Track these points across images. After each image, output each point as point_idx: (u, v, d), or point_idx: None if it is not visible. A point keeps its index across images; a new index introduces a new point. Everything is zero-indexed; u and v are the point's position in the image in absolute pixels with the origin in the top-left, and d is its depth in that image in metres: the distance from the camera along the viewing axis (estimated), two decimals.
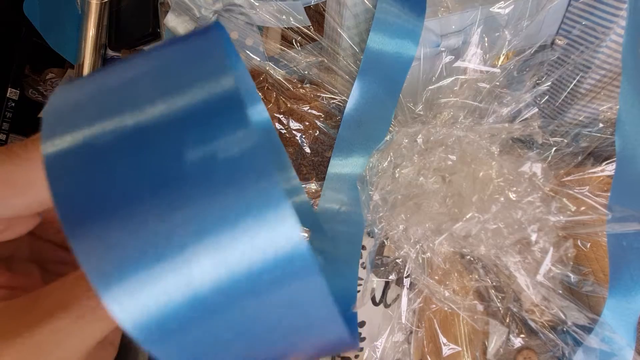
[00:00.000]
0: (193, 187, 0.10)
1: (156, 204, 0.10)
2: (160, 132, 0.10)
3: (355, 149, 0.33)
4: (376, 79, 0.33)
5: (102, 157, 0.10)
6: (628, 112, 0.30)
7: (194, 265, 0.10)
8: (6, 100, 0.53)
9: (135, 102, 0.11)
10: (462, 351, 0.31)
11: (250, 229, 0.09)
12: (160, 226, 0.10)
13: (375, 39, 0.32)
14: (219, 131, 0.10)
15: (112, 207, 0.10)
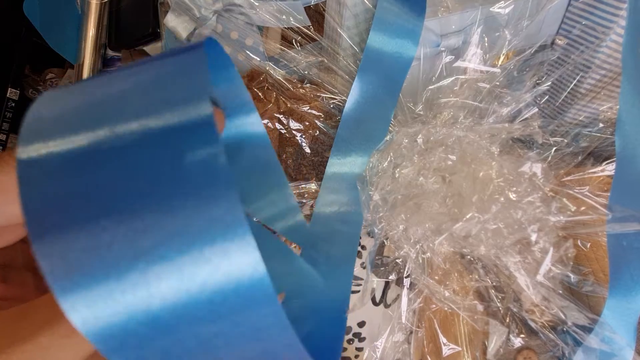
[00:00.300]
0: (158, 210, 0.10)
1: (121, 223, 0.10)
2: (130, 152, 0.10)
3: (354, 149, 0.33)
4: (376, 79, 0.33)
5: (72, 171, 0.10)
6: (628, 112, 0.30)
7: (153, 286, 0.10)
8: (6, 101, 0.53)
9: (110, 118, 0.11)
10: (462, 351, 0.31)
11: (212, 256, 0.10)
12: (122, 244, 0.10)
13: (376, 38, 0.32)
14: (186, 154, 0.10)
15: (78, 221, 0.10)
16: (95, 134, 0.11)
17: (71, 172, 0.10)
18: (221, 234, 0.10)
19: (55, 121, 0.11)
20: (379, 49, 0.33)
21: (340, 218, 0.32)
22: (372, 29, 0.32)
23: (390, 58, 0.33)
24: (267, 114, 0.35)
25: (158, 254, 0.10)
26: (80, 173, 0.10)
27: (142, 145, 0.10)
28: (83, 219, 0.10)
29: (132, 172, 0.10)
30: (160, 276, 0.10)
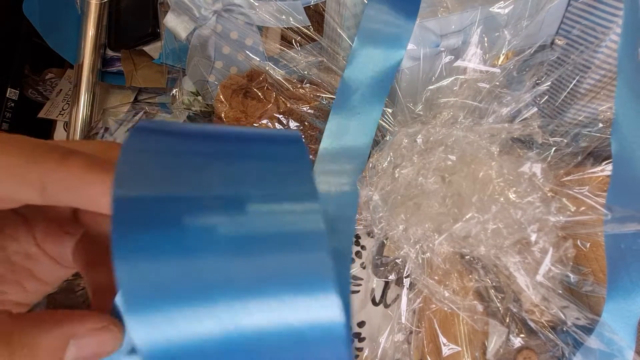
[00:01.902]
0: (265, 253, 0.11)
1: (223, 260, 0.11)
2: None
3: (336, 169, 0.33)
4: (358, 94, 0.33)
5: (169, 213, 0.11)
6: (625, 115, 0.30)
7: (240, 315, 0.11)
8: (6, 101, 0.53)
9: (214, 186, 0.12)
10: (462, 351, 0.31)
11: (300, 302, 0.11)
12: (219, 274, 0.11)
13: (360, 48, 0.32)
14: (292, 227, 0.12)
15: (170, 252, 0.11)
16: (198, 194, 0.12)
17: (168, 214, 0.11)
18: (312, 284, 0.11)
19: (159, 167, 0.12)
20: (362, 59, 0.32)
21: (335, 201, 0.32)
22: (357, 37, 0.32)
23: (374, 68, 0.32)
24: (267, 114, 0.35)
25: (256, 289, 0.11)
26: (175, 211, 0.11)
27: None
28: (181, 252, 0.11)
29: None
30: (250, 309, 0.11)
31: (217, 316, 0.11)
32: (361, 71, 0.32)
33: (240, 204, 0.12)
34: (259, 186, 0.12)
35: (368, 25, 0.32)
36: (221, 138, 0.14)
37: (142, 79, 0.51)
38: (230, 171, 0.12)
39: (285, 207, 0.12)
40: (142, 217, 0.11)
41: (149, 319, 0.10)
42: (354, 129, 0.32)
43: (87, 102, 0.51)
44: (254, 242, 0.11)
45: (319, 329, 0.11)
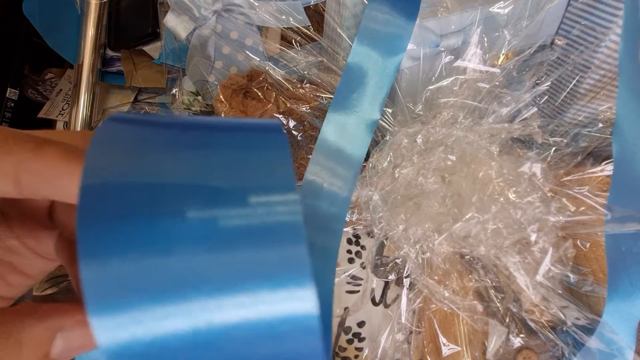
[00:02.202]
0: (235, 247, 0.11)
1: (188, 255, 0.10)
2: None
3: (330, 175, 0.32)
4: (357, 95, 0.32)
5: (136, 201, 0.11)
6: (626, 118, 0.30)
7: (212, 312, 0.10)
8: (5, 101, 0.53)
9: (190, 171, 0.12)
10: (462, 351, 0.31)
11: (275, 296, 0.11)
12: (187, 271, 0.10)
13: (359, 50, 0.32)
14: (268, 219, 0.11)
15: (139, 247, 0.10)
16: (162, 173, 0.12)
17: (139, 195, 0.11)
18: (287, 276, 0.11)
19: (127, 154, 0.12)
20: (361, 62, 0.32)
21: (327, 197, 0.32)
22: (357, 39, 0.32)
23: (374, 69, 0.32)
24: (267, 114, 0.35)
25: (229, 284, 0.10)
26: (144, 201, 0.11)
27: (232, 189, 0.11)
28: (143, 247, 0.10)
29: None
30: (222, 305, 0.10)
31: (188, 313, 0.10)
32: (360, 72, 0.32)
33: (213, 195, 0.11)
34: (233, 177, 0.12)
35: (368, 26, 0.32)
36: (196, 127, 0.13)
37: (142, 79, 0.51)
38: (204, 161, 0.12)
39: (261, 198, 0.11)
40: (108, 209, 0.11)
41: (113, 318, 0.10)
42: (351, 127, 0.32)
43: (87, 102, 0.51)
44: (227, 235, 0.11)
45: (293, 323, 0.11)
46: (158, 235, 0.10)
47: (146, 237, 0.10)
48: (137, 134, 0.13)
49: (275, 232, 0.11)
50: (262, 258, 0.11)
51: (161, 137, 0.13)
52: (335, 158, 0.32)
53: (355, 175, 0.32)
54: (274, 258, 0.11)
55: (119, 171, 0.11)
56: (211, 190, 0.11)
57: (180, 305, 0.10)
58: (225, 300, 0.10)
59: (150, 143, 0.12)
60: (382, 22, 0.32)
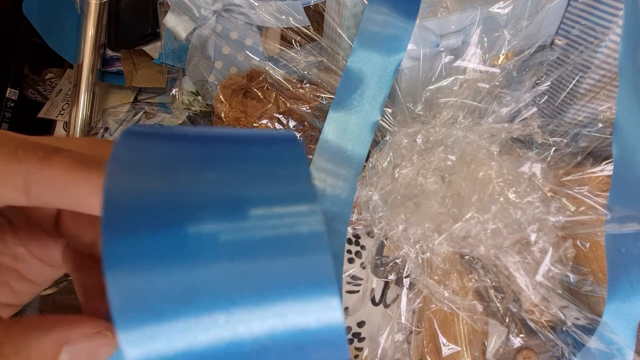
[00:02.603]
0: (265, 257, 0.11)
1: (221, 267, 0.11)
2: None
3: (332, 174, 0.32)
4: (357, 96, 0.32)
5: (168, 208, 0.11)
6: (626, 119, 0.30)
7: (240, 324, 0.10)
8: (5, 101, 0.53)
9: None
10: (462, 351, 0.31)
11: (300, 305, 0.11)
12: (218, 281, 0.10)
13: (359, 52, 0.32)
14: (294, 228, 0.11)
15: (165, 259, 0.10)
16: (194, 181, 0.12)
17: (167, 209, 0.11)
18: (313, 286, 0.11)
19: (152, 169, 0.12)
20: (361, 64, 0.32)
21: (328, 198, 0.32)
22: (356, 40, 0.32)
23: (374, 70, 0.32)
24: (267, 114, 0.35)
25: (257, 296, 0.11)
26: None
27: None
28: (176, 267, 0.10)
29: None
30: (250, 317, 0.10)
31: (216, 327, 0.10)
32: (360, 72, 0.32)
33: (238, 208, 0.11)
34: (256, 189, 0.12)
35: (367, 28, 0.32)
36: (216, 140, 0.14)
37: (141, 79, 0.51)
38: (227, 174, 0.12)
39: (285, 209, 0.12)
40: (135, 222, 0.11)
41: (141, 333, 0.10)
42: (352, 128, 0.32)
43: (86, 102, 0.51)
44: (253, 247, 0.11)
45: (321, 332, 0.11)
46: (184, 247, 0.10)
47: (172, 249, 0.10)
48: (158, 147, 0.13)
49: (300, 242, 0.11)
50: (288, 268, 0.11)
51: (182, 150, 0.13)
52: (336, 159, 0.32)
53: (356, 174, 0.32)
54: (299, 268, 0.11)
55: (142, 183, 0.11)
56: (235, 202, 0.11)
57: (209, 317, 0.10)
58: (253, 311, 0.10)
59: (172, 156, 0.12)
60: (381, 24, 0.32)
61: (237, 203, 0.11)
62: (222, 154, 0.13)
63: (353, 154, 0.32)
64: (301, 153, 0.13)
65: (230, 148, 0.13)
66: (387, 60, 0.32)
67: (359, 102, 0.32)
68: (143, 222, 0.11)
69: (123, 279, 0.10)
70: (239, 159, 0.13)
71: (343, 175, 0.32)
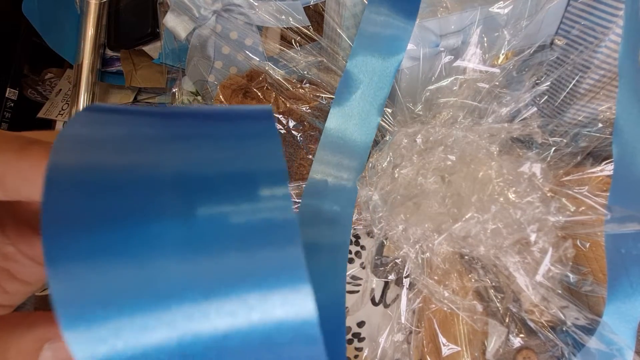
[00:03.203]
0: (230, 249, 0.10)
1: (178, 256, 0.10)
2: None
3: (333, 172, 0.32)
4: (359, 93, 0.32)
5: (108, 188, 0.10)
6: (626, 120, 0.30)
7: (198, 321, 0.09)
8: (5, 100, 0.52)
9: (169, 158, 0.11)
10: (462, 351, 0.31)
11: (266, 300, 0.10)
12: (177, 274, 0.09)
13: (359, 50, 0.32)
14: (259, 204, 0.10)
15: (112, 254, 0.09)
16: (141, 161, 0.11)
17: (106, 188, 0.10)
18: (284, 281, 0.10)
19: (94, 145, 0.11)
20: (360, 65, 0.32)
21: (330, 196, 0.31)
22: (355, 42, 0.32)
23: (373, 70, 0.32)
24: None
25: (216, 291, 0.10)
26: (117, 188, 0.10)
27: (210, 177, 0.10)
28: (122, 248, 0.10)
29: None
30: (209, 314, 0.09)
31: (171, 324, 0.09)
32: (360, 73, 0.32)
33: (195, 193, 0.10)
34: (217, 171, 0.11)
35: (367, 29, 0.32)
36: (176, 117, 0.12)
37: (141, 79, 0.51)
38: (185, 155, 0.11)
39: (249, 194, 0.10)
40: (76, 212, 0.09)
41: (88, 331, 0.09)
42: (353, 127, 0.32)
43: (86, 102, 0.51)
44: (211, 237, 0.10)
45: (290, 330, 0.10)
46: (133, 239, 0.10)
47: (120, 242, 0.09)
48: (113, 125, 0.12)
49: (266, 231, 0.10)
50: (251, 260, 0.10)
51: (138, 128, 0.12)
52: (339, 152, 0.32)
53: (361, 166, 0.31)
54: (264, 259, 0.10)
55: (90, 168, 0.10)
56: (192, 188, 0.10)
57: (162, 315, 0.09)
58: (212, 308, 0.09)
59: (126, 135, 0.11)
60: (381, 25, 0.32)
61: (193, 188, 0.10)
62: (181, 133, 0.12)
63: (356, 146, 0.32)
64: (272, 130, 0.12)
65: (191, 125, 0.12)
66: (387, 60, 0.32)
67: (359, 103, 0.32)
68: (85, 212, 0.10)
69: (63, 275, 0.09)
70: (200, 137, 0.11)
71: (347, 166, 0.31)
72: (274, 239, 0.10)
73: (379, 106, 0.32)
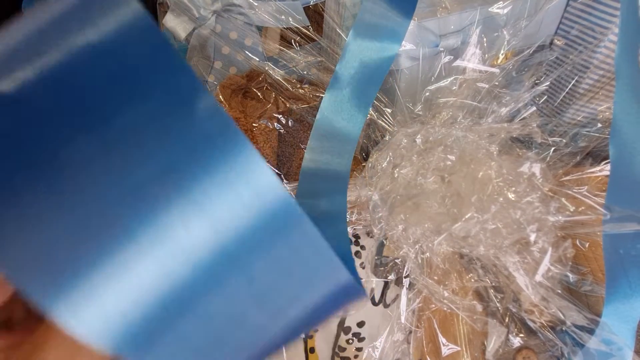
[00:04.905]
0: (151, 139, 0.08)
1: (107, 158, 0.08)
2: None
3: (326, 160, 0.32)
4: (350, 83, 0.32)
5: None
6: (624, 121, 0.30)
7: (181, 235, 0.08)
8: None
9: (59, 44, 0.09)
10: (462, 351, 0.31)
11: (229, 183, 0.08)
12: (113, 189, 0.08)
13: (354, 41, 0.32)
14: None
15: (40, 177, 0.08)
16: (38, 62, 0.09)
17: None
18: (226, 156, 0.08)
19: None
20: (357, 52, 0.32)
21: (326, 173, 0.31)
22: (352, 29, 0.32)
23: (367, 61, 0.32)
24: (267, 114, 0.35)
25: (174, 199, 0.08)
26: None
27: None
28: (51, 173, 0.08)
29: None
30: (183, 217, 0.08)
31: (148, 255, 0.08)
32: (354, 61, 0.32)
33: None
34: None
35: (364, 18, 0.32)
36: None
37: None
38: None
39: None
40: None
41: (68, 300, 0.08)
42: (345, 110, 0.32)
43: None
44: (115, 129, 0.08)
45: (264, 206, 0.08)
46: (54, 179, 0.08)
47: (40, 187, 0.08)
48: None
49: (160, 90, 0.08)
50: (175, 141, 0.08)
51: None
52: (332, 137, 0.31)
53: (352, 150, 0.31)
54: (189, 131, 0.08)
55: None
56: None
57: (129, 247, 0.08)
58: (172, 214, 0.08)
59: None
60: (378, 16, 0.32)
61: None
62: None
63: (348, 133, 0.31)
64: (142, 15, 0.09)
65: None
66: (381, 51, 0.32)
67: (352, 93, 0.32)
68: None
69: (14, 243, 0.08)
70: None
71: (339, 151, 0.31)
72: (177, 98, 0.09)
73: (368, 98, 0.32)
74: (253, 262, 0.09)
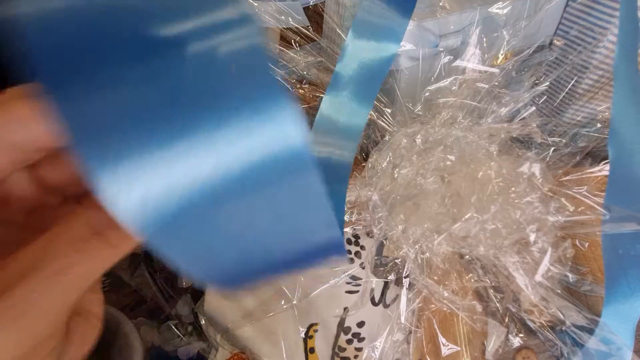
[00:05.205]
0: (192, 73, 0.10)
1: (155, 89, 0.10)
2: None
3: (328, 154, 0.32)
4: (351, 83, 0.32)
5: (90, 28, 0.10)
6: (622, 122, 0.30)
7: (202, 154, 0.10)
8: None
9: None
10: (461, 351, 0.31)
11: (253, 122, 0.10)
12: (161, 110, 0.09)
13: (354, 41, 0.32)
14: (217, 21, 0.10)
15: (103, 80, 0.09)
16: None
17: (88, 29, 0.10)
18: (258, 97, 0.10)
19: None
20: (356, 52, 0.32)
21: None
22: (351, 29, 0.32)
23: (366, 61, 0.32)
24: None
25: (210, 120, 0.10)
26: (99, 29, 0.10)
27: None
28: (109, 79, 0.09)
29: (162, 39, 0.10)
30: (209, 140, 0.10)
31: (191, 156, 0.09)
32: (353, 61, 0.32)
33: (172, 16, 0.10)
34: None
35: (363, 17, 0.32)
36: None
37: None
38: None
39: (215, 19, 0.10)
40: (73, 54, 0.09)
41: (116, 170, 0.09)
42: (346, 113, 0.32)
43: None
44: (193, 61, 0.10)
45: (281, 149, 0.10)
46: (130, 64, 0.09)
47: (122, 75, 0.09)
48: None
49: (239, 57, 0.10)
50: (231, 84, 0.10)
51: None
52: (334, 133, 0.31)
53: (355, 142, 0.31)
54: (242, 84, 0.10)
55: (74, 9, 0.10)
56: (168, 12, 0.10)
57: (181, 146, 0.09)
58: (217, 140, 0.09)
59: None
60: (377, 15, 0.32)
61: (168, 13, 0.10)
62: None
63: (350, 127, 0.31)
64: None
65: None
66: (380, 50, 0.32)
67: (352, 93, 0.32)
68: (83, 53, 0.10)
69: (78, 109, 0.09)
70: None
71: (342, 144, 0.31)
72: (248, 63, 0.10)
73: (369, 99, 0.32)
74: (264, 189, 0.10)
